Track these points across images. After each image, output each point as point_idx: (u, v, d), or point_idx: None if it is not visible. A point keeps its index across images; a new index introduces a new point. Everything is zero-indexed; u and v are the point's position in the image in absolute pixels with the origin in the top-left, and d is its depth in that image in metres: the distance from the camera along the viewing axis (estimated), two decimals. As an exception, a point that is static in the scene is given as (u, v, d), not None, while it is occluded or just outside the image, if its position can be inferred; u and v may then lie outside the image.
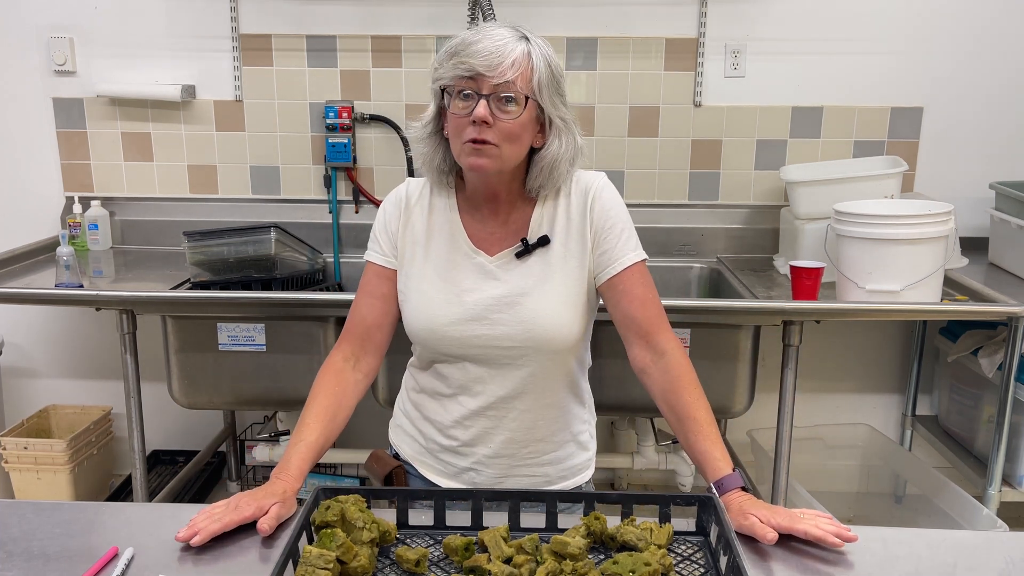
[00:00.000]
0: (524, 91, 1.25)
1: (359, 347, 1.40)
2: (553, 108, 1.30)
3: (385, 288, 1.40)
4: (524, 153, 1.31)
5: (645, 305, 1.35)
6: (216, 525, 1.11)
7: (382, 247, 1.41)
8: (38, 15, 2.69)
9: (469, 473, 1.41)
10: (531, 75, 1.26)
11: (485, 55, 1.23)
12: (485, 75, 1.23)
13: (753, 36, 2.65)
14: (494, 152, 1.26)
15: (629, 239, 1.37)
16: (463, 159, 1.29)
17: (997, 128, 2.70)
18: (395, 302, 1.40)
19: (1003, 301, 2.12)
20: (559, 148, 1.31)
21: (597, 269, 1.36)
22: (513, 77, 1.24)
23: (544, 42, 1.30)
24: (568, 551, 1.03)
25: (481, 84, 1.24)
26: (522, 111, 1.26)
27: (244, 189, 2.80)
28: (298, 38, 2.68)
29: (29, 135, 2.78)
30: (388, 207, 1.43)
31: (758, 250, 2.75)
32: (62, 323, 2.92)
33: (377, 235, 1.42)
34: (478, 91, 1.24)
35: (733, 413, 2.28)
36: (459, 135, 1.27)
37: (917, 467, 2.58)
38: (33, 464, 2.63)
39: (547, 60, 1.28)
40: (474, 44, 1.24)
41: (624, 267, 1.34)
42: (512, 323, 1.32)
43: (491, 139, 1.25)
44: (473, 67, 1.23)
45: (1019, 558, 1.11)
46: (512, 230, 1.38)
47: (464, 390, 1.38)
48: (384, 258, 1.41)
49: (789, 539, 1.13)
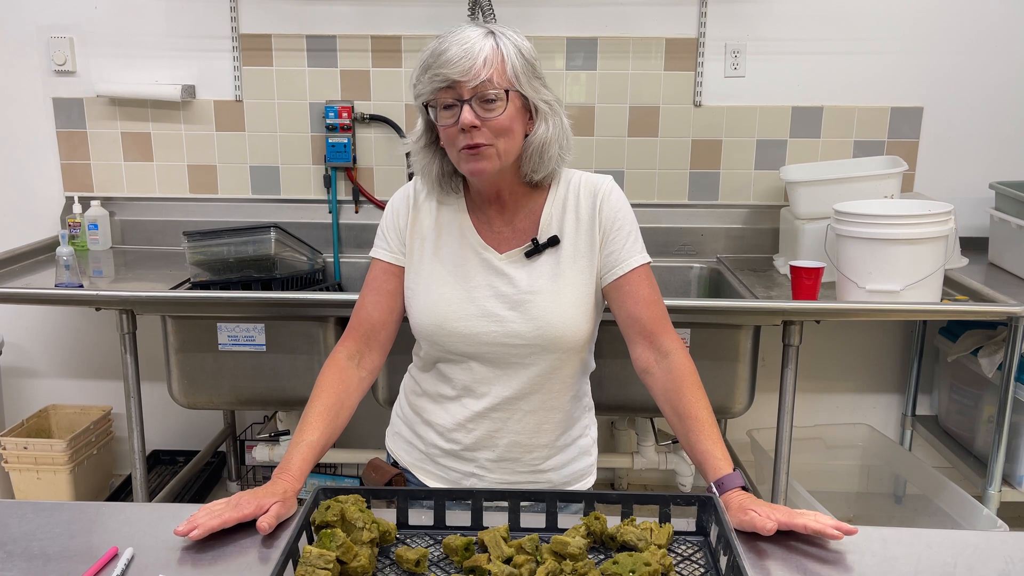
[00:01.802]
0: (503, 85, 1.26)
1: (363, 344, 1.40)
2: (535, 92, 1.30)
3: (391, 285, 1.40)
4: (519, 144, 1.32)
5: (650, 306, 1.36)
6: (215, 521, 1.11)
7: (389, 243, 1.41)
8: (38, 15, 2.69)
9: (471, 479, 1.40)
10: (504, 67, 1.26)
11: (456, 62, 1.23)
12: (461, 81, 1.24)
13: (753, 36, 2.65)
14: (491, 152, 1.27)
15: (636, 241, 1.38)
16: (462, 167, 1.30)
17: (997, 128, 2.70)
18: (401, 299, 1.40)
19: (1003, 301, 2.12)
20: (547, 131, 1.32)
21: (604, 270, 1.37)
22: (488, 75, 1.24)
23: (513, 32, 1.30)
24: (568, 551, 1.03)
25: (460, 90, 1.24)
26: (506, 105, 1.26)
27: (244, 189, 2.80)
28: (298, 38, 2.68)
29: (29, 135, 2.78)
30: (397, 203, 1.43)
31: (758, 250, 2.75)
32: (62, 323, 2.92)
33: (385, 232, 1.42)
34: (459, 98, 1.25)
35: (733, 413, 2.28)
36: (453, 144, 1.29)
37: (917, 467, 2.58)
38: (33, 464, 2.63)
39: (517, 48, 1.28)
40: (443, 54, 1.24)
41: (631, 268, 1.35)
42: (522, 320, 1.32)
43: (484, 140, 1.26)
44: (447, 76, 1.24)
45: (1019, 558, 1.11)
46: (519, 229, 1.38)
47: (468, 392, 1.37)
48: (391, 255, 1.41)
49: (789, 537, 1.13)
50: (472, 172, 1.29)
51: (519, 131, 1.30)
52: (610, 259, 1.36)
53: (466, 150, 1.27)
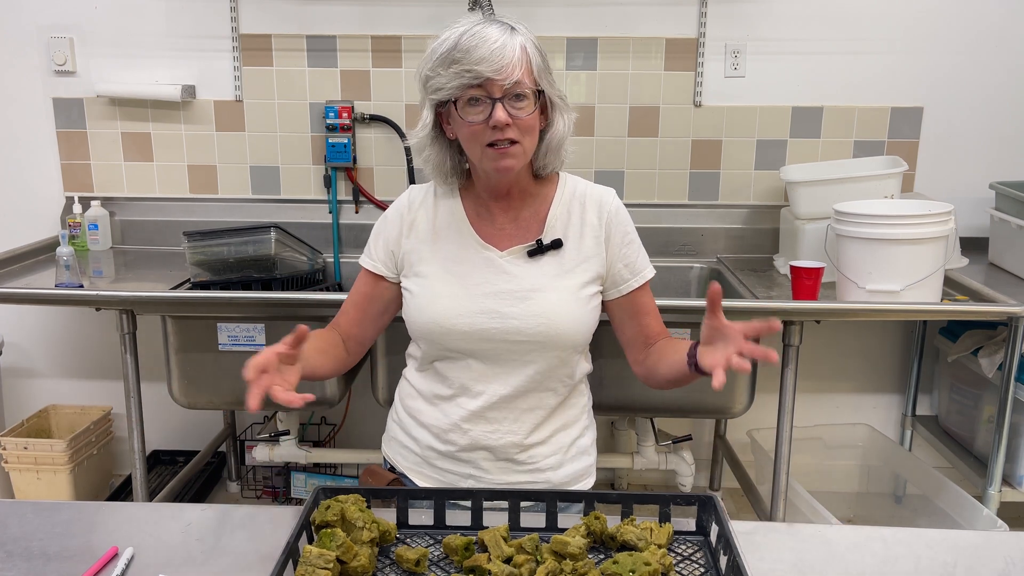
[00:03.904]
0: (531, 85, 1.27)
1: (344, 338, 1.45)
2: (551, 88, 1.32)
3: (367, 288, 1.44)
4: (537, 140, 1.34)
5: (657, 317, 1.44)
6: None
7: (371, 253, 1.45)
8: (38, 15, 2.69)
9: (468, 481, 1.41)
10: (531, 66, 1.28)
11: (490, 61, 1.22)
12: (495, 79, 1.23)
13: (753, 36, 2.65)
14: (518, 151, 1.29)
15: (643, 254, 1.44)
16: (487, 164, 1.30)
17: (997, 128, 2.70)
18: (378, 305, 1.44)
19: (1003, 301, 2.12)
20: (563, 125, 1.35)
21: (619, 281, 1.40)
22: (520, 76, 1.25)
23: (525, 26, 1.31)
24: (568, 551, 1.03)
25: (491, 89, 1.24)
26: (535, 104, 1.28)
27: (244, 189, 2.80)
28: (298, 38, 2.68)
29: (29, 135, 2.78)
30: (390, 215, 1.45)
31: (758, 250, 2.75)
32: (62, 323, 2.92)
33: (371, 242, 1.46)
34: (489, 95, 1.25)
35: (733, 413, 2.28)
36: (477, 141, 1.28)
37: (917, 467, 2.58)
38: (33, 464, 2.63)
39: (535, 45, 1.30)
40: (473, 50, 1.23)
41: (644, 281, 1.41)
42: (524, 316, 1.33)
43: (514, 136, 1.27)
44: (481, 74, 1.23)
45: (1019, 558, 1.11)
46: (522, 227, 1.39)
47: (464, 391, 1.38)
48: (372, 263, 1.44)
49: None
50: (499, 169, 1.30)
51: (538, 128, 1.33)
52: (625, 271, 1.40)
53: (493, 148, 1.27)
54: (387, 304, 1.45)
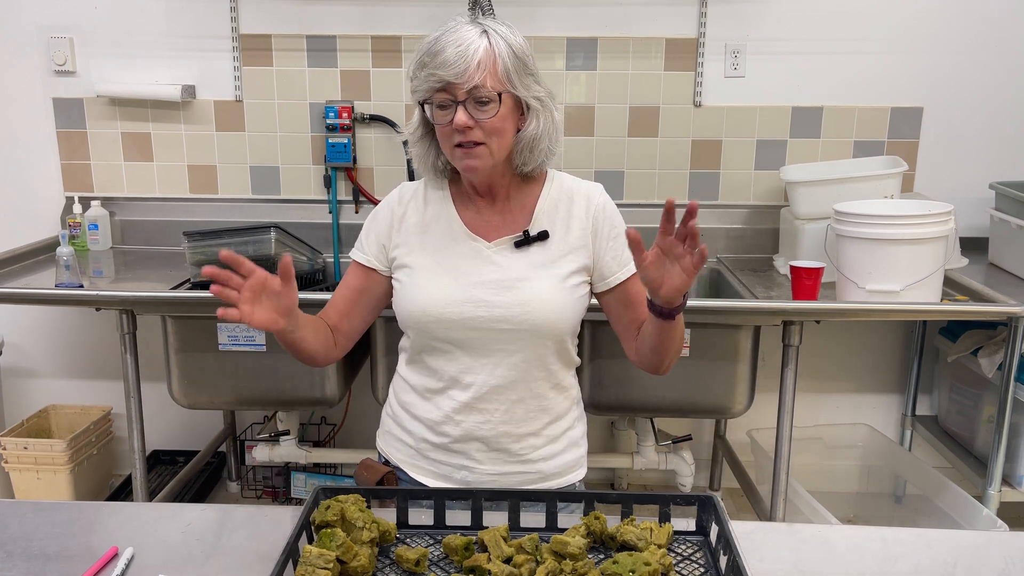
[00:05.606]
0: (495, 88, 1.28)
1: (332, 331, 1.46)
2: (527, 91, 1.32)
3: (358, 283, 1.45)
4: (511, 141, 1.35)
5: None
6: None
7: (363, 246, 1.46)
8: (38, 15, 2.69)
9: (462, 472, 1.41)
10: (497, 69, 1.28)
11: (451, 64, 1.25)
12: (455, 83, 1.26)
13: (753, 36, 2.65)
14: (483, 151, 1.31)
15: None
16: (456, 163, 1.34)
17: (997, 128, 2.70)
18: (366, 297, 1.45)
19: (1003, 301, 2.12)
20: (537, 127, 1.35)
21: (607, 274, 1.41)
22: (481, 79, 1.26)
23: (506, 29, 1.31)
24: (568, 551, 1.03)
25: (454, 92, 1.27)
26: (499, 107, 1.29)
27: (244, 189, 2.80)
28: (298, 38, 2.68)
29: (29, 135, 2.78)
30: (381, 210, 1.48)
31: (758, 250, 2.75)
32: (62, 323, 2.92)
33: (362, 236, 1.47)
34: (453, 99, 1.27)
35: (733, 413, 2.28)
36: (447, 141, 1.32)
37: (917, 467, 2.58)
38: (33, 464, 2.63)
39: (509, 46, 1.30)
40: (439, 54, 1.26)
41: (632, 273, 1.40)
42: (509, 305, 1.34)
43: (477, 139, 1.29)
44: (442, 78, 1.26)
45: (1019, 558, 1.11)
46: (510, 219, 1.41)
47: (454, 383, 1.39)
48: (364, 257, 1.45)
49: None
50: (465, 169, 1.34)
51: (511, 129, 1.33)
52: (614, 263, 1.40)
53: (459, 148, 1.31)
54: (377, 298, 1.46)
